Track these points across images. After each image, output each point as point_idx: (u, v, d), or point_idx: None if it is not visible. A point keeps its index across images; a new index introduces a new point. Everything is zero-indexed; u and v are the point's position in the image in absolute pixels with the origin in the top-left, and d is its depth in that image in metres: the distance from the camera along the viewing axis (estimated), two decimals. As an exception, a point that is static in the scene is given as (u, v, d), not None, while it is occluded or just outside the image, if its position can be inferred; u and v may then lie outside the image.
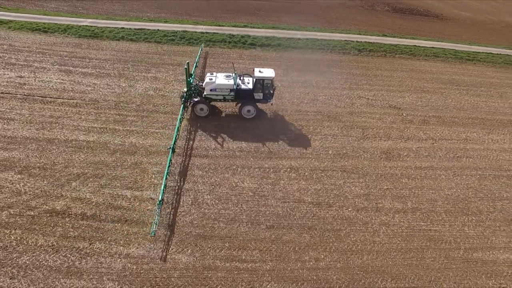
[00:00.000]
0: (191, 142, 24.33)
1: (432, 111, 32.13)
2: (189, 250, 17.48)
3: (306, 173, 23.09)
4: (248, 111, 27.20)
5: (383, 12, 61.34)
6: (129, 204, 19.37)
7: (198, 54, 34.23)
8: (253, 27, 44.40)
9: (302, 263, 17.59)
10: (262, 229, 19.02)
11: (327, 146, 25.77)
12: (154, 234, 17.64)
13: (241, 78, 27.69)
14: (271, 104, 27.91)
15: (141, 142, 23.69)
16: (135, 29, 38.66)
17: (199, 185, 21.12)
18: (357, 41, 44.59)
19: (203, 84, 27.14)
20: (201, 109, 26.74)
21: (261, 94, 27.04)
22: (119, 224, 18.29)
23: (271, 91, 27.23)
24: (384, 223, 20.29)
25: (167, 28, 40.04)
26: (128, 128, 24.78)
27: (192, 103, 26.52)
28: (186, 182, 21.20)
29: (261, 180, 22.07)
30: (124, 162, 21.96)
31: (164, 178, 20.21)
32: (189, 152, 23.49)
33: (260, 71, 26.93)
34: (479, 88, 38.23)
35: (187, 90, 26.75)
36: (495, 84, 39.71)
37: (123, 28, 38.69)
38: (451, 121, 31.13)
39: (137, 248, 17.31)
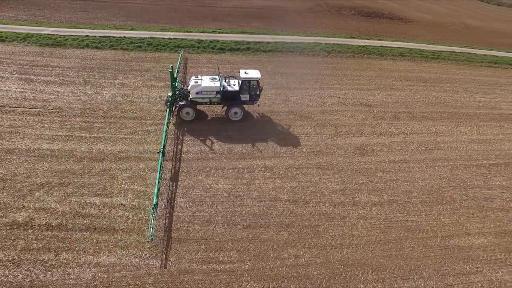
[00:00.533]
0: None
1: (402, 107, 32.62)
2: (163, 255, 16.70)
3: (281, 172, 22.76)
4: (235, 113, 27.00)
5: (349, 16, 62.54)
6: (98, 212, 18.42)
7: (179, 60, 33.65)
8: (222, 33, 44.19)
9: (281, 261, 17.12)
10: (239, 229, 18.47)
11: (301, 145, 25.57)
12: (152, 239, 16.83)
13: (227, 80, 27.43)
14: (258, 105, 27.84)
15: (109, 149, 22.76)
16: (100, 36, 37.66)
17: (171, 189, 20.39)
18: (325, 43, 45.10)
19: (189, 88, 26.66)
20: (187, 113, 26.27)
21: (248, 96, 26.94)
22: (88, 233, 17.32)
23: (257, 92, 27.14)
24: (361, 217, 20.14)
25: (134, 35, 39.27)
26: (95, 135, 23.80)
27: (177, 107, 26.02)
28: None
29: (235, 181, 21.56)
30: (92, 169, 20.98)
31: (157, 182, 19.48)
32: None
33: (245, 72, 26.81)
34: (445, 84, 39.23)
35: (172, 94, 26.26)
36: (459, 80, 40.87)
37: (87, 36, 37.63)
38: (420, 116, 31.65)
39: (108, 256, 16.39)
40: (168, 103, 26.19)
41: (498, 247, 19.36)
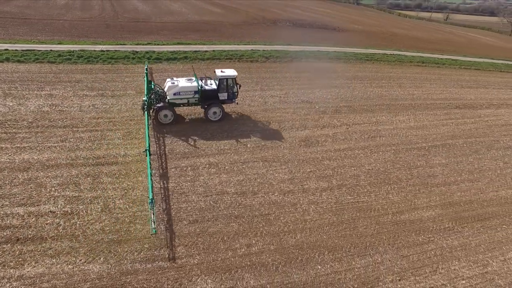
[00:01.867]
0: (97, 152, 21.76)
1: (342, 102, 33.28)
2: (102, 258, 14.95)
3: (227, 167, 21.84)
4: (214, 112, 26.73)
5: (285, 27, 64.22)
6: (22, 222, 16.25)
7: (145, 70, 31.82)
8: (158, 44, 43.12)
9: (233, 251, 16.01)
10: (185, 225, 17.16)
11: (245, 141, 24.91)
12: (156, 231, 15.84)
13: (203, 80, 27.13)
14: (236, 103, 27.89)
15: (35, 158, 20.56)
16: (22, 50, 34.99)
17: (109, 192, 18.66)
18: (263, 50, 45.58)
19: (166, 89, 25.94)
20: (165, 116, 25.50)
21: (226, 94, 26.86)
22: (9, 245, 15.12)
23: (235, 90, 27.25)
24: (312, 202, 19.66)
25: (62, 48, 37.02)
26: (18, 145, 21.46)
27: (155, 109, 25.20)
28: (93, 190, 18.62)
29: (179, 179, 20.28)
30: (14, 180, 18.70)
31: (149, 178, 18.26)
32: (94, 161, 20.91)
33: (221, 71, 26.82)
34: (381, 81, 40.91)
35: (147, 98, 25.38)
36: (393, 77, 42.89)
37: (7, 50, 34.78)
38: (360, 109, 32.43)
39: (34, 266, 14.33)
40: (145, 107, 25.01)
41: (446, 217, 19.73)
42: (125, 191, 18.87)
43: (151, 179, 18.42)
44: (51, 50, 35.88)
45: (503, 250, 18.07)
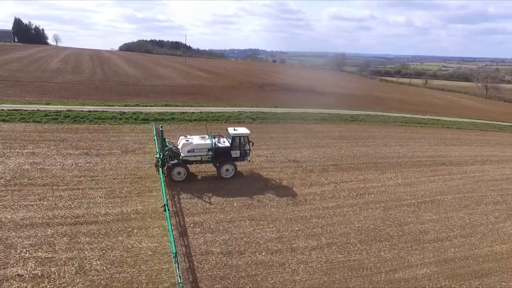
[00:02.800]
0: (76, 210, 20.85)
1: (329, 161, 33.28)
2: (72, 326, 13.60)
3: (212, 226, 20.98)
4: (227, 170, 26.91)
5: (271, 91, 66.19)
6: (-15, 287, 14.95)
7: (153, 130, 32.81)
8: (146, 106, 43.68)
9: (217, 316, 14.78)
10: (166, 287, 15.97)
11: (231, 200, 24.27)
12: (182, 286, 15.01)
13: (215, 138, 27.58)
14: (248, 161, 28.43)
15: (8, 217, 19.51)
16: (9, 110, 34.99)
17: (86, 252, 17.53)
18: (250, 112, 46.44)
19: (180, 146, 26.33)
20: (179, 173, 25.63)
21: (238, 152, 27.26)
22: (-29, 312, 13.76)
23: (247, 149, 27.77)
24: (301, 262, 18.68)
25: (49, 108, 37.15)
26: (-8, 205, 20.49)
27: (169, 167, 25.43)
28: (69, 251, 17.48)
29: (161, 239, 19.28)
30: (-18, 240, 17.55)
31: (170, 233, 17.90)
32: (73, 220, 19.93)
33: (234, 129, 27.60)
34: (366, 140, 41.46)
35: (162, 155, 25.80)
36: (378, 136, 43.58)
37: (-7, 110, 34.82)
38: (348, 167, 32.40)
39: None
40: (159, 164, 25.37)
41: (441, 275, 18.80)
42: (104, 251, 17.76)
43: (172, 234, 17.86)
44: (37, 110, 35.95)
45: (505, 310, 17.07)
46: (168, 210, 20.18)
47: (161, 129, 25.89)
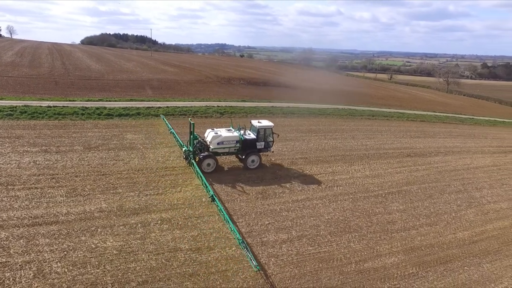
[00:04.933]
0: (34, 211, 19.70)
1: (298, 154, 33.26)
2: (30, 333, 12.76)
3: (180, 222, 20.40)
4: (253, 161, 28.40)
5: (239, 85, 65.66)
6: None
7: (167, 123, 35.27)
8: (109, 101, 42.19)
9: (186, 315, 14.32)
10: (133, 286, 15.33)
11: (200, 195, 23.70)
12: (259, 268, 16.66)
13: (239, 130, 28.89)
14: (272, 152, 29.98)
15: (-40, 219, 18.20)
16: (-43, 107, 32.83)
17: (45, 254, 16.56)
18: (218, 106, 45.77)
19: (209, 139, 27.46)
20: (208, 164, 26.91)
21: (263, 143, 28.69)
22: None
23: (272, 140, 29.28)
24: (272, 255, 18.48)
25: (3, 104, 35.11)
26: None
27: (200, 159, 26.58)
28: (26, 254, 16.47)
29: (127, 237, 18.54)
30: None
31: (229, 220, 20.01)
32: (30, 221, 18.81)
33: (259, 122, 29.10)
34: (334, 133, 41.82)
35: (193, 148, 27.06)
36: (346, 130, 44.06)
37: None
38: (316, 160, 32.49)
39: None
40: (190, 157, 26.95)
41: (409, 263, 19.19)
42: (65, 252, 16.85)
43: (231, 221, 19.79)
44: (-11, 107, 33.89)
45: (469, 294, 17.62)
46: (216, 199, 22.05)
47: (192, 122, 26.72)
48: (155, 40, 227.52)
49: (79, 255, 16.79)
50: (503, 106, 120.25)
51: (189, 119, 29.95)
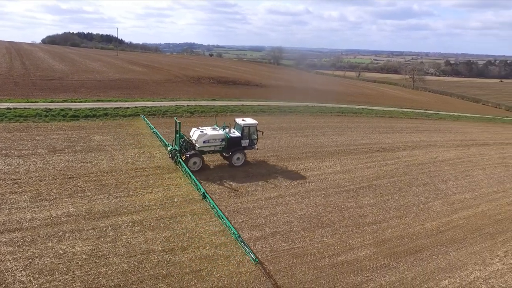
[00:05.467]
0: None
1: (270, 152, 33.31)
2: None
3: (152, 224, 20.00)
4: (238, 158, 28.77)
5: (209, 84, 65.09)
6: None
7: (148, 123, 35.96)
8: (75, 101, 40.85)
9: (161, 317, 14.02)
10: (104, 291, 14.88)
11: (172, 196, 23.33)
12: (258, 260, 17.24)
13: (224, 129, 29.03)
14: (256, 149, 30.25)
15: None
16: None
17: (8, 263, 15.79)
18: (187, 105, 45.22)
19: (195, 138, 27.63)
20: (194, 163, 27.04)
21: (247, 141, 29.13)
22: None
23: (256, 137, 29.76)
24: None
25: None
26: None
27: (186, 157, 26.67)
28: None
29: (97, 241, 17.99)
30: None
31: (223, 216, 20.46)
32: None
33: (243, 120, 29.51)
34: (305, 130, 42.17)
35: (180, 147, 27.18)
36: (316, 127, 44.52)
37: None
38: (288, 157, 32.67)
39: None
40: (176, 156, 27.05)
41: (380, 254, 19.63)
42: (30, 260, 16.14)
43: (225, 217, 20.36)
44: None
45: (437, 280, 18.30)
46: (207, 197, 22.54)
47: (178, 121, 27.01)
48: (121, 39, 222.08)
49: (45, 262, 16.14)
50: (465, 102, 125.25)
51: (175, 118, 30.48)
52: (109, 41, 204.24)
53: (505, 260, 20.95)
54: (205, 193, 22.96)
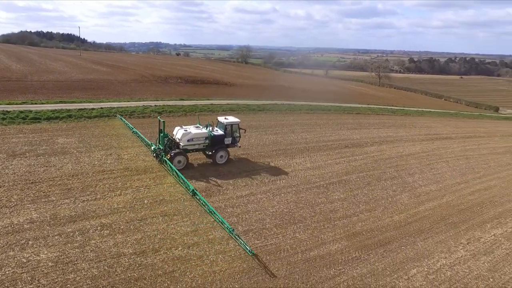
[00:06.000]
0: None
1: (240, 151, 33.08)
2: None
3: (122, 227, 19.47)
4: (221, 156, 29.29)
5: (176, 84, 64.29)
6: None
7: (125, 123, 35.90)
8: (35, 103, 39.25)
9: (133, 322, 13.65)
10: (72, 299, 14.34)
11: (141, 197, 22.82)
12: (254, 252, 18.12)
13: (207, 127, 29.33)
14: (239, 146, 31.11)
15: None
16: None
17: (-32, 274, 14.98)
18: (155, 105, 44.46)
19: (179, 137, 27.82)
20: (179, 161, 27.30)
21: (230, 139, 29.75)
22: None
23: (238, 135, 30.58)
24: (220, 252, 18.25)
25: None
26: None
27: (171, 156, 26.92)
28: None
29: (64, 247, 17.32)
30: None
31: (214, 212, 20.94)
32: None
33: (226, 118, 30.21)
34: (274, 128, 42.36)
35: (164, 146, 27.45)
36: (285, 124, 44.83)
37: None
38: (258, 155, 32.71)
39: None
40: (162, 155, 27.25)
41: (351, 248, 19.97)
42: (-10, 270, 15.32)
43: (214, 214, 20.85)
44: None
45: (406, 269, 18.80)
46: (197, 192, 22.98)
47: (162, 120, 27.47)
48: (84, 38, 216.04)
49: (7, 272, 15.35)
50: (428, 98, 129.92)
51: (158, 117, 30.79)
52: (71, 41, 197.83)
53: (468, 247, 21.84)
54: (195, 190, 23.22)
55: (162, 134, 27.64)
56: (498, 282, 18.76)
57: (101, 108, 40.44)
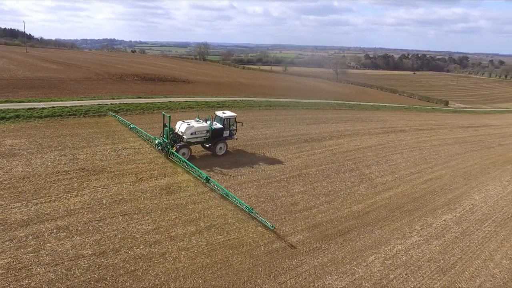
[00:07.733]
0: None
1: (199, 147, 32.83)
2: None
3: (80, 228, 18.86)
4: (220, 148, 31.50)
5: (133, 81, 62.68)
6: None
7: (119, 119, 37.34)
8: (-20, 103, 36.92)
9: (94, 324, 13.31)
10: (28, 305, 13.76)
11: (99, 197, 22.17)
12: (274, 226, 20.24)
13: (206, 121, 31.30)
14: (236, 139, 33.13)
15: None
16: None
17: None
18: (111, 104, 43.13)
19: (183, 130, 29.51)
20: (184, 154, 28.89)
21: (228, 132, 31.90)
22: None
23: (235, 128, 32.74)
24: (182, 248, 18.16)
25: None
26: None
27: (177, 149, 28.56)
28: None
29: (16, 252, 16.53)
30: None
31: (229, 194, 23.07)
32: None
33: (223, 112, 32.28)
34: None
35: (170, 139, 29.09)
36: (245, 121, 43.72)
37: None
38: (219, 151, 32.57)
39: None
40: (168, 147, 28.88)
41: (313, 238, 20.55)
42: None
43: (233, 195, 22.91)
44: None
45: (364, 257, 19.65)
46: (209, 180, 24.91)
47: (168, 115, 29.04)
48: (29, 34, 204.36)
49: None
50: (384, 92, 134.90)
51: (163, 112, 32.05)
52: (15, 36, 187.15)
53: (421, 232, 23.07)
54: (208, 178, 25.17)
55: (166, 128, 29.12)
56: (448, 263, 20.03)
57: (53, 107, 38.69)
